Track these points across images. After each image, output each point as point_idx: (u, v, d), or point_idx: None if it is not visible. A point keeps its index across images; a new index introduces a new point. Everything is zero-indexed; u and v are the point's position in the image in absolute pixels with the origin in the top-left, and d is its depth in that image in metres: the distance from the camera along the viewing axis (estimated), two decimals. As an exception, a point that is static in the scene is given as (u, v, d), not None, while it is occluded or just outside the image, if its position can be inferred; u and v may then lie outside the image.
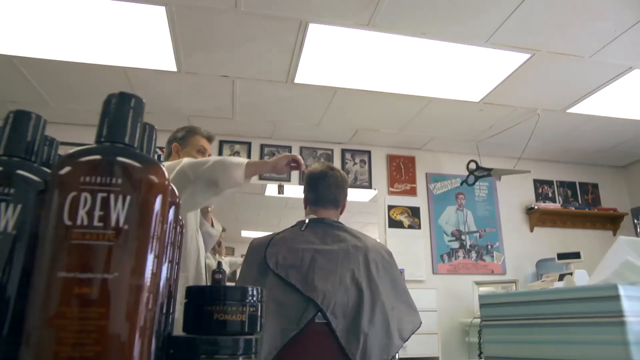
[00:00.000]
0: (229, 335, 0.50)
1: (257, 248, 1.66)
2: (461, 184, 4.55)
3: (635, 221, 4.79)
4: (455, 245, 4.44)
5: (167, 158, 2.14)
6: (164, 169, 0.44)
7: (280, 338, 1.41)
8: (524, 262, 4.45)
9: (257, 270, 1.59)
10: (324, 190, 1.78)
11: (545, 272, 4.00)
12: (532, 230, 4.64)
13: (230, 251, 5.15)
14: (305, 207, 1.84)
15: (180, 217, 0.54)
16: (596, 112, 3.71)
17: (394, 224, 4.37)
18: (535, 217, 4.61)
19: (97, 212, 0.40)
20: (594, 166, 5.00)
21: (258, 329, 0.53)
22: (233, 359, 0.49)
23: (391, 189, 4.47)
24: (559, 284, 3.33)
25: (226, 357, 0.48)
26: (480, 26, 2.65)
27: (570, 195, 4.86)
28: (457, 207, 4.58)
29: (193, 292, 0.53)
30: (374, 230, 4.33)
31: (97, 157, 0.43)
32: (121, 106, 0.46)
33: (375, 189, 4.45)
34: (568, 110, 3.66)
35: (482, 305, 0.52)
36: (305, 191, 1.84)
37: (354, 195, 4.19)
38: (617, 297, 0.91)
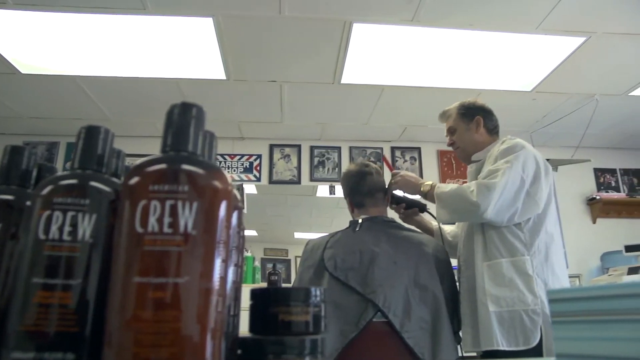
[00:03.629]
0: (294, 335, 0.51)
1: (313, 250, 1.67)
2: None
3: None
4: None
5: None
6: (226, 175, 0.45)
7: (339, 340, 1.41)
8: (586, 256, 4.24)
9: (313, 272, 1.60)
10: (368, 188, 1.77)
11: (612, 266, 3.81)
12: (594, 222, 4.42)
13: (284, 252, 5.21)
14: (353, 211, 1.82)
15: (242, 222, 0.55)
16: (662, 94, 3.49)
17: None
18: (598, 208, 4.37)
19: (167, 219, 0.41)
20: (662, 151, 4.70)
21: (322, 329, 0.54)
22: (300, 359, 0.49)
23: (444, 185, 4.39)
24: (628, 278, 3.16)
25: (293, 357, 0.49)
26: (529, 12, 2.56)
27: (636, 183, 4.59)
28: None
29: (257, 295, 0.54)
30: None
31: (164, 166, 0.44)
32: (183, 116, 0.48)
33: (427, 186, 4.37)
34: (630, 94, 3.46)
35: (550, 301, 0.49)
36: (347, 195, 1.82)
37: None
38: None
